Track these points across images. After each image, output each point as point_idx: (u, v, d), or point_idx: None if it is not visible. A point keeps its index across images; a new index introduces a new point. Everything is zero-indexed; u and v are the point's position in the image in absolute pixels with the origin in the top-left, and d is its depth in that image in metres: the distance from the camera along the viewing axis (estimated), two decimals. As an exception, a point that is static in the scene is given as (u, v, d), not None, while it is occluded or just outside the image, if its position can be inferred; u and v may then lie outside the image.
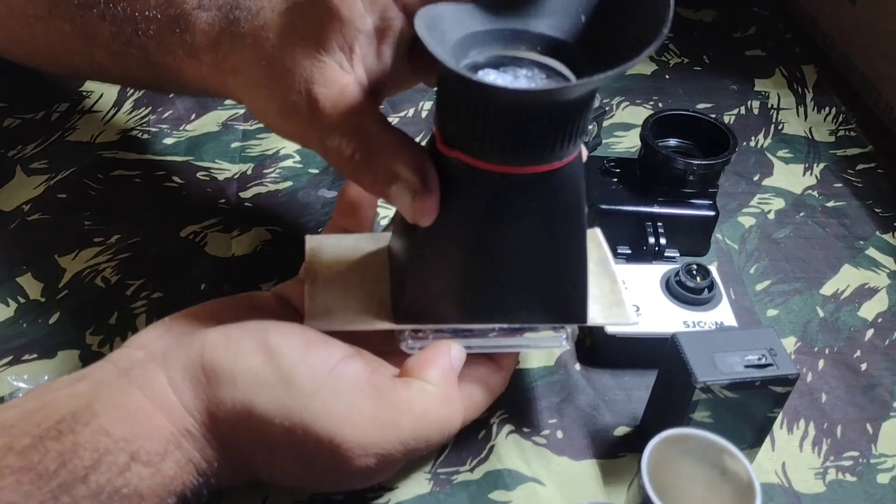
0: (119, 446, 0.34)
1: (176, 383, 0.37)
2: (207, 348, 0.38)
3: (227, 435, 0.37)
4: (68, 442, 0.33)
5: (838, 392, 0.54)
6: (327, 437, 0.37)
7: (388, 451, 0.38)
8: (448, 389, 0.41)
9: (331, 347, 0.39)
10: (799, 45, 0.88)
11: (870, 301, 0.60)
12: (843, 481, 0.49)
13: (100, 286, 0.57)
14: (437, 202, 0.37)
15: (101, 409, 0.35)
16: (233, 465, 0.39)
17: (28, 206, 0.62)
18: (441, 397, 0.41)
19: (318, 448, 0.37)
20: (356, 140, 0.38)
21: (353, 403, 0.37)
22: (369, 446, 0.37)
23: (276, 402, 0.37)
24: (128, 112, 0.72)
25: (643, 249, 0.60)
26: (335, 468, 0.38)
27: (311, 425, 0.37)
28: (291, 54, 0.38)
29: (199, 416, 0.37)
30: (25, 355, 0.52)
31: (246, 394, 0.37)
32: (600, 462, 0.49)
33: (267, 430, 0.37)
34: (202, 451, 0.37)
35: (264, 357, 0.37)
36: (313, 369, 0.37)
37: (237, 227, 0.62)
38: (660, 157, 0.59)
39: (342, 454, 0.37)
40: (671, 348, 0.45)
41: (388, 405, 0.39)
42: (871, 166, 0.73)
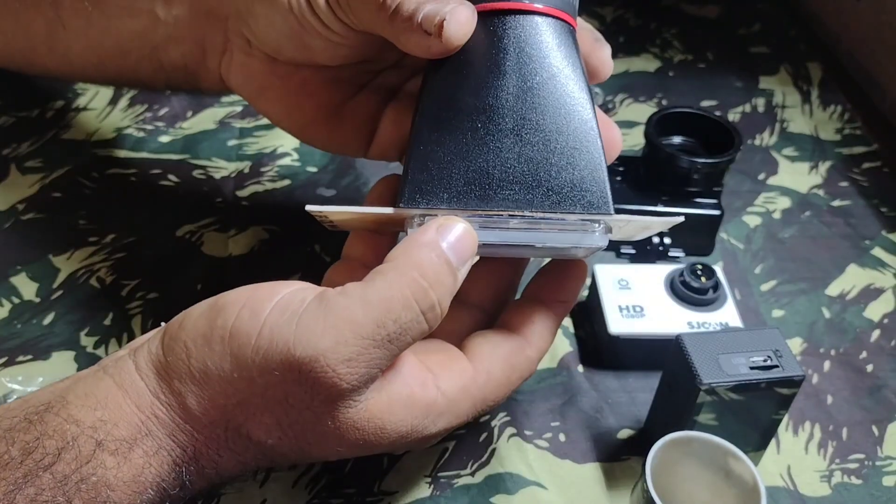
0: (86, 434, 0.33)
1: (141, 368, 0.36)
2: (168, 329, 0.37)
3: (198, 411, 0.35)
4: (35, 431, 0.33)
5: (844, 394, 0.53)
6: (286, 361, 0.34)
7: (360, 352, 0.34)
8: (407, 259, 0.35)
9: (277, 287, 0.36)
10: (804, 43, 0.87)
11: (876, 301, 0.60)
12: (848, 484, 0.48)
13: (95, 286, 0.56)
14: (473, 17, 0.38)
15: (72, 399, 0.35)
16: (221, 446, 0.36)
17: (22, 206, 0.62)
18: (394, 269, 0.35)
19: (289, 384, 0.34)
20: None
21: (301, 323, 0.34)
22: (334, 354, 0.33)
23: (225, 358, 0.35)
24: (123, 110, 0.72)
25: (647, 249, 0.59)
26: (326, 401, 0.35)
27: (267, 360, 0.34)
28: None
29: (166, 399, 0.35)
30: (20, 356, 0.52)
31: (198, 358, 0.35)
32: (603, 465, 0.48)
33: (231, 390, 0.35)
34: (174, 436, 0.35)
35: (210, 317, 0.35)
36: (254, 310, 0.35)
37: (234, 226, 0.61)
38: (664, 155, 0.58)
39: (317, 377, 0.33)
40: (675, 349, 0.45)
41: (338, 307, 0.34)
42: (876, 165, 0.72)
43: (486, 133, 0.38)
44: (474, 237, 0.37)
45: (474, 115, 0.38)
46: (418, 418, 0.38)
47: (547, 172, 0.39)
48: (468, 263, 0.37)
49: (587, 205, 0.39)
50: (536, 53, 0.39)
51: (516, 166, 0.39)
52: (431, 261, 0.35)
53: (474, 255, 0.37)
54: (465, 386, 0.39)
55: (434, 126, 0.39)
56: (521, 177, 0.39)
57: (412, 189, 0.38)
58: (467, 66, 0.39)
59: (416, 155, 0.39)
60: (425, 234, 0.36)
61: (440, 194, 0.38)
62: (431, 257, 0.35)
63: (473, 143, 0.38)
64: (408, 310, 0.34)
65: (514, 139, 0.38)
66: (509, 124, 0.38)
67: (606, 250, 0.61)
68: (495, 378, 0.40)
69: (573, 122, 0.39)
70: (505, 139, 0.38)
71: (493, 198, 0.38)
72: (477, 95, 0.38)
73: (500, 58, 0.38)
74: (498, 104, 0.38)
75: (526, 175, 0.39)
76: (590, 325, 0.56)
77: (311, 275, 0.58)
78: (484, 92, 0.38)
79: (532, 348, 0.42)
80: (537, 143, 0.39)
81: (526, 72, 0.39)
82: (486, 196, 0.38)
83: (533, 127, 0.39)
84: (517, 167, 0.39)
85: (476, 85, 0.39)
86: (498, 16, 0.39)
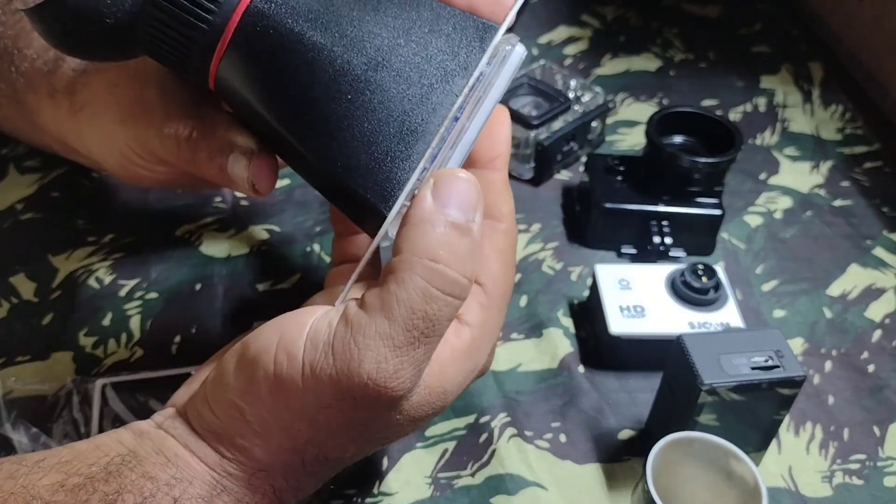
0: (163, 491, 0.34)
1: (199, 432, 0.36)
2: (208, 389, 0.37)
3: (268, 458, 0.36)
4: (115, 484, 0.33)
5: (845, 394, 0.53)
6: (338, 394, 0.33)
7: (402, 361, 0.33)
8: (410, 248, 0.33)
9: (302, 317, 0.35)
10: (805, 42, 0.87)
11: (877, 302, 0.59)
12: (849, 485, 0.48)
13: (93, 286, 0.56)
14: (274, 166, 0.39)
15: (144, 456, 0.35)
16: (300, 474, 0.37)
17: (21, 205, 0.62)
18: (403, 264, 0.33)
19: (349, 411, 0.34)
20: (193, 120, 0.40)
21: (336, 353, 0.33)
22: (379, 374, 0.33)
23: (279, 406, 0.35)
24: (124, 109, 0.71)
25: (648, 249, 0.59)
26: (389, 408, 0.34)
27: (320, 398, 0.34)
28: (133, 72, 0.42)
29: (233, 456, 0.36)
30: (18, 357, 0.52)
31: (253, 413, 0.35)
32: (604, 466, 0.48)
33: (296, 433, 0.35)
34: (251, 484, 0.36)
35: (248, 371, 0.35)
36: (290, 353, 0.34)
37: (233, 226, 0.61)
38: (665, 154, 0.58)
39: (372, 398, 0.33)
40: (676, 350, 0.44)
41: (364, 326, 0.33)
42: (878, 165, 0.72)
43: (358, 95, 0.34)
44: (470, 178, 0.34)
45: (332, 95, 0.34)
46: (468, 364, 0.37)
47: (432, 59, 0.35)
48: (479, 205, 0.34)
49: (481, 42, 0.35)
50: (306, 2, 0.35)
51: (409, 85, 0.34)
52: (437, 237, 0.33)
53: (480, 193, 0.34)
54: (483, 304, 0.38)
55: (319, 140, 0.35)
56: (420, 84, 0.34)
57: (376, 192, 0.34)
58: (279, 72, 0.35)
59: (342, 174, 0.35)
60: (419, 208, 0.33)
61: (397, 170, 0.34)
62: (436, 233, 0.33)
63: (362, 113, 0.34)
64: (431, 300, 0.33)
65: (380, 73, 0.34)
66: (361, 69, 0.34)
67: (607, 250, 0.62)
68: (498, 274, 0.39)
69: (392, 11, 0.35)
70: (375, 81, 0.34)
71: (425, 123, 0.34)
72: (313, 82, 0.34)
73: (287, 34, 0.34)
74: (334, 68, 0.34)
75: (422, 79, 0.34)
76: (590, 326, 0.56)
77: (310, 275, 0.58)
78: (313, 72, 0.34)
79: (504, 220, 0.40)
80: (395, 55, 0.35)
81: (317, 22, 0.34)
82: (421, 129, 0.34)
83: (377, 50, 0.35)
84: (410, 85, 0.34)
85: (301, 75, 0.34)
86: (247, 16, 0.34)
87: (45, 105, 0.47)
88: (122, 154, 0.43)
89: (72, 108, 0.45)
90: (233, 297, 0.56)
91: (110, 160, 0.45)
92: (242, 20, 0.34)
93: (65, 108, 0.46)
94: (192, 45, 0.35)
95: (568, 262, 0.61)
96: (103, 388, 0.49)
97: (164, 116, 0.40)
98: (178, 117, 0.40)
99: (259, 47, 0.34)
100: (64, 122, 0.46)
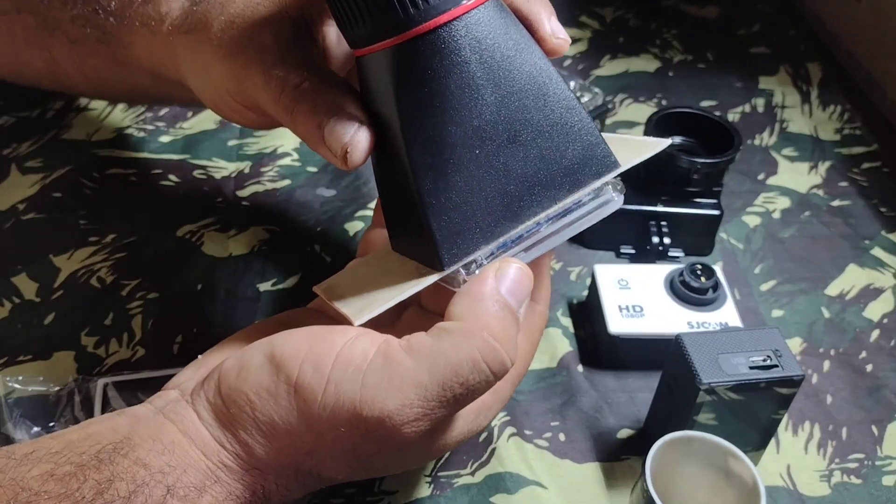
0: (156, 479, 0.34)
1: (204, 418, 0.37)
2: (223, 377, 0.37)
3: (266, 458, 0.36)
4: (107, 472, 0.33)
5: (844, 394, 0.53)
6: (353, 419, 0.34)
7: (425, 413, 0.34)
8: (474, 319, 0.35)
9: (333, 336, 0.37)
10: (804, 43, 0.87)
11: (875, 301, 0.60)
12: (848, 484, 0.48)
13: (95, 286, 0.56)
14: (372, 144, 0.38)
15: (139, 442, 0.35)
16: (290, 483, 0.37)
17: (23, 206, 0.62)
18: (462, 331, 0.35)
19: (357, 439, 0.35)
20: (307, 70, 0.39)
21: (364, 379, 0.35)
22: (400, 416, 0.34)
23: (292, 412, 0.35)
24: (123, 110, 0.72)
25: (647, 249, 0.59)
26: (393, 450, 0.36)
27: (335, 418, 0.35)
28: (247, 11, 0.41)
29: (232, 448, 0.36)
30: (20, 356, 0.52)
31: (264, 411, 0.35)
32: (603, 465, 0.48)
33: (299, 443, 0.36)
34: (243, 479, 0.36)
35: (271, 370, 0.36)
36: (316, 365, 0.35)
37: (234, 226, 0.61)
38: (663, 155, 0.58)
39: (384, 435, 0.35)
40: (675, 349, 0.45)
41: (403, 368, 0.35)
42: (876, 165, 0.72)
43: (485, 156, 0.37)
44: (529, 274, 0.37)
45: (466, 142, 0.36)
46: (472, 422, 0.39)
47: (553, 161, 0.38)
48: (528, 298, 0.38)
49: (597, 172, 0.39)
50: (492, 49, 0.36)
51: (525, 172, 0.37)
52: (497, 315, 0.35)
53: (531, 287, 0.38)
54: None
55: (431, 173, 0.36)
56: (533, 178, 0.38)
57: (447, 245, 0.37)
58: (437, 96, 0.36)
59: (431, 210, 0.36)
60: (485, 285, 0.36)
61: (474, 237, 0.37)
62: (496, 311, 0.35)
63: (478, 172, 0.37)
64: (477, 373, 0.34)
65: (512, 148, 0.37)
66: (502, 136, 0.37)
67: (606, 250, 0.62)
68: (525, 352, 0.41)
69: (552, 100, 0.38)
70: (504, 152, 0.37)
71: (517, 212, 0.38)
72: (460, 122, 0.36)
73: (465, 71, 0.36)
74: (482, 121, 0.36)
75: (537, 174, 0.38)
76: (589, 325, 0.56)
77: (310, 275, 0.58)
78: (465, 114, 0.36)
79: (540, 303, 0.42)
80: (533, 140, 0.37)
81: (493, 73, 0.36)
82: (510, 214, 0.38)
83: (523, 126, 0.37)
84: (526, 172, 0.37)
85: (454, 111, 0.36)
86: (443, 30, 0.35)
87: (140, 35, 0.47)
88: (214, 88, 0.43)
89: (173, 34, 0.44)
90: (234, 297, 0.56)
91: (204, 92, 0.44)
92: (439, 29, 0.35)
93: (162, 34, 0.45)
94: (382, 20, 0.35)
95: (567, 262, 0.61)
96: (105, 387, 0.49)
97: (278, 59, 0.39)
98: (292, 64, 0.39)
99: (435, 58, 0.35)
100: (159, 48, 0.46)
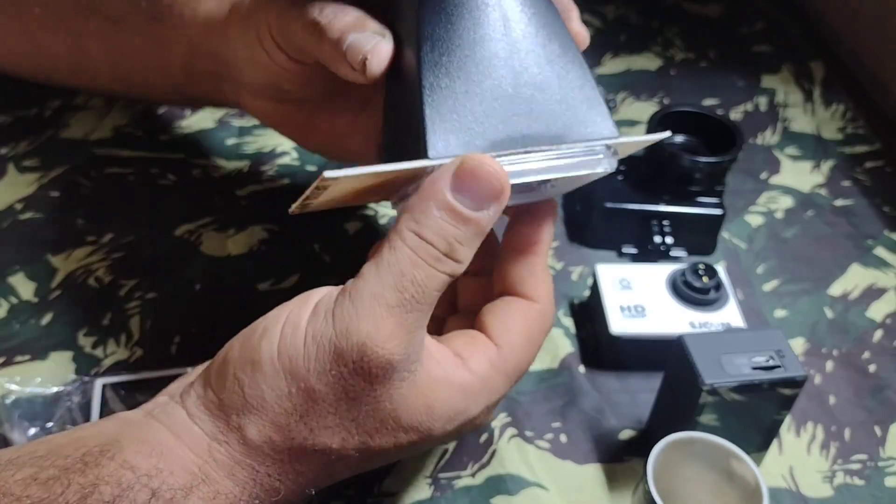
0: (142, 482, 0.33)
1: (193, 413, 0.36)
2: (209, 368, 0.37)
3: (259, 440, 0.36)
4: (91, 475, 0.33)
5: (846, 394, 0.53)
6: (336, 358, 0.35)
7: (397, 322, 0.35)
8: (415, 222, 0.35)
9: (311, 296, 0.37)
10: (806, 41, 0.87)
11: (878, 301, 0.59)
12: (850, 485, 0.48)
13: (93, 286, 0.56)
14: (391, 55, 0.39)
15: (126, 444, 0.35)
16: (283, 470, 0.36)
17: (20, 205, 0.62)
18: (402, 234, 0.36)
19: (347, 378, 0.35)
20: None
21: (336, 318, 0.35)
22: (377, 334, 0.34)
23: (279, 377, 0.35)
24: (121, 109, 0.71)
25: (649, 248, 0.59)
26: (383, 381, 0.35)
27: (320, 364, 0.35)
28: None
29: (224, 437, 0.36)
30: (18, 357, 0.51)
31: (252, 385, 0.35)
32: (605, 466, 0.48)
33: (291, 408, 0.35)
34: (233, 474, 0.36)
35: (253, 344, 0.36)
36: (295, 324, 0.36)
37: (233, 225, 0.61)
38: (666, 154, 0.58)
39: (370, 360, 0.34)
40: (677, 350, 0.44)
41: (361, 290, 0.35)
42: (879, 164, 0.72)
43: (495, 74, 0.38)
44: (499, 171, 0.35)
45: (478, 53, 0.37)
46: (459, 400, 0.38)
47: (557, 107, 0.38)
48: (500, 199, 0.36)
49: (597, 132, 0.39)
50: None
51: (529, 106, 0.38)
52: (431, 215, 0.35)
53: (503, 187, 0.36)
54: (493, 363, 0.40)
55: (437, 70, 0.37)
56: (536, 114, 0.38)
57: (435, 139, 0.37)
58: (459, 6, 0.38)
59: (429, 103, 0.37)
60: (434, 184, 0.35)
61: (464, 142, 0.37)
62: (431, 211, 0.35)
63: (483, 84, 0.37)
64: (417, 267, 0.35)
65: (520, 77, 0.38)
66: (515, 63, 0.38)
67: (608, 250, 0.61)
68: (519, 346, 0.41)
69: (567, 60, 0.38)
70: (513, 79, 0.38)
71: (512, 136, 0.38)
72: (476, 33, 0.37)
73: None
74: (499, 43, 0.38)
75: (540, 112, 0.38)
76: (591, 326, 0.56)
77: (310, 275, 0.58)
78: (483, 28, 0.38)
79: (540, 301, 0.42)
80: (543, 82, 0.38)
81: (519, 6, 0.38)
82: (505, 135, 0.38)
83: (537, 65, 0.38)
84: (530, 107, 0.38)
85: (473, 23, 0.38)
86: None
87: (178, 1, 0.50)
88: (258, 34, 0.44)
89: None
90: (233, 298, 0.56)
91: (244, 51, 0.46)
92: None
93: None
94: None
95: (569, 262, 0.61)
96: (103, 388, 0.49)
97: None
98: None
99: None
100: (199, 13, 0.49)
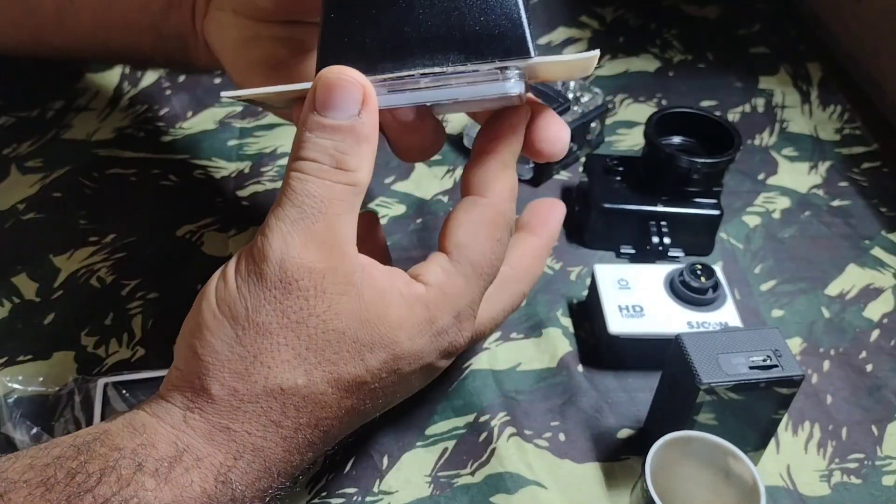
0: (127, 458, 0.34)
1: (165, 394, 0.37)
2: (175, 352, 0.38)
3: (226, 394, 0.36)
4: (81, 458, 0.34)
5: (844, 394, 0.53)
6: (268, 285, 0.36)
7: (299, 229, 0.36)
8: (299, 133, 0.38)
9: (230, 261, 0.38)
10: (804, 43, 0.87)
11: (875, 301, 0.60)
12: (848, 484, 0.48)
13: (95, 286, 0.56)
14: None
15: (115, 431, 0.36)
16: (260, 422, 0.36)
17: (23, 206, 0.62)
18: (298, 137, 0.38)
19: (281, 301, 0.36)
20: None
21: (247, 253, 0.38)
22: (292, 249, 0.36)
23: (222, 325, 0.36)
24: (123, 110, 0.72)
25: (647, 249, 0.59)
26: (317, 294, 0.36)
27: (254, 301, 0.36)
28: None
29: (195, 404, 0.36)
30: (20, 356, 0.52)
31: (203, 345, 0.36)
32: (603, 465, 0.48)
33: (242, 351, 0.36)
34: (213, 438, 0.36)
35: (194, 312, 0.37)
36: (224, 276, 0.38)
37: (234, 226, 0.61)
38: (663, 155, 0.58)
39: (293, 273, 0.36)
40: (675, 349, 0.45)
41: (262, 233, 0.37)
42: (876, 165, 0.72)
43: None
44: (350, 80, 0.36)
45: None
46: (419, 310, 0.38)
47: (460, 23, 0.37)
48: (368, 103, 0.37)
49: (504, 51, 0.37)
50: None
51: (428, 21, 0.37)
52: (305, 136, 0.37)
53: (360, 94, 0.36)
54: (445, 268, 0.39)
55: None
56: (434, 32, 0.37)
57: (325, 59, 0.37)
58: None
59: (328, 24, 0.38)
60: (303, 110, 0.37)
61: (354, 62, 0.37)
62: (304, 134, 0.37)
63: (383, 5, 0.37)
64: (309, 183, 0.37)
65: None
66: None
67: (606, 250, 0.62)
68: (471, 244, 0.39)
69: None
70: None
71: (406, 59, 0.37)
72: None
73: None
74: None
75: (439, 29, 0.37)
76: (589, 325, 0.56)
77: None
78: None
79: (489, 195, 0.41)
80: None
81: None
82: (399, 58, 0.37)
83: None
84: (429, 22, 0.37)
85: None
86: None
87: None
88: None
89: None
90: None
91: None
92: None
93: None
94: None
95: (567, 262, 0.61)
96: (105, 387, 0.49)
97: None
98: None
99: None
100: None
